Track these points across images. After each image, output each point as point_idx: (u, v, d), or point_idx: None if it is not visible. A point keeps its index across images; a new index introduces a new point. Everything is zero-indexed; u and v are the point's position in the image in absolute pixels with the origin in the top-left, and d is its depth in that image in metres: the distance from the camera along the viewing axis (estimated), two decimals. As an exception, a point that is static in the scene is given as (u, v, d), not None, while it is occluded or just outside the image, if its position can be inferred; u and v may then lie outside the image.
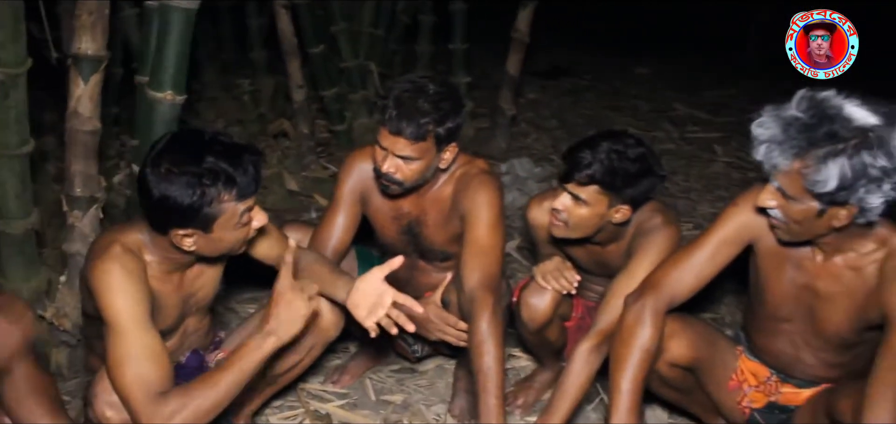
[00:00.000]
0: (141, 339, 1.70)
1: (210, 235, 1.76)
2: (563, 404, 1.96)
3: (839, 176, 1.58)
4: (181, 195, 1.68)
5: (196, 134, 1.80)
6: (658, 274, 1.90)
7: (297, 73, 4.26)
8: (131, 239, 1.80)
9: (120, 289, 1.71)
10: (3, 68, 2.26)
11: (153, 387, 1.67)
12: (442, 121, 2.07)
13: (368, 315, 1.93)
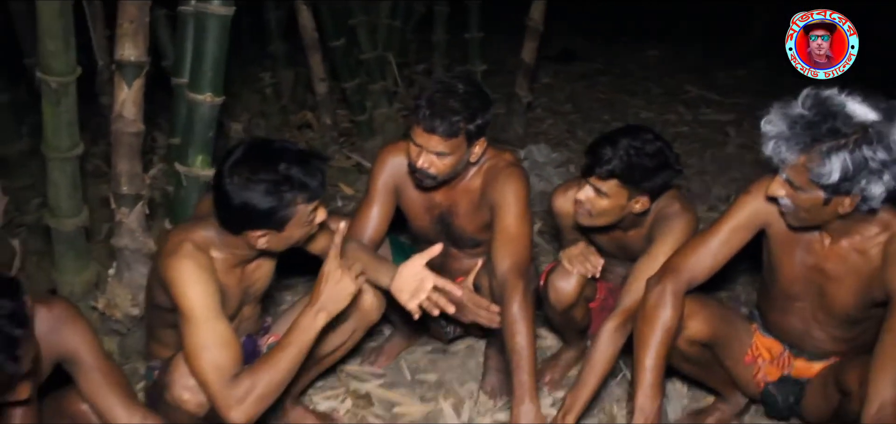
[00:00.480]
0: (215, 328, 1.84)
1: (281, 234, 1.91)
2: (590, 378, 2.10)
3: (841, 168, 1.70)
4: (260, 201, 1.83)
5: (268, 143, 1.94)
6: (677, 258, 2.03)
7: (318, 66, 4.38)
8: (199, 236, 1.94)
9: (195, 283, 1.85)
10: (55, 77, 2.40)
11: (227, 371, 1.82)
12: (472, 118, 2.20)
13: (411, 298, 2.07)
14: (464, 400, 2.48)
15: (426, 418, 2.41)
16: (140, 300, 2.68)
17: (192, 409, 1.90)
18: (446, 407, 2.43)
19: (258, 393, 1.83)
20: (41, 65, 2.38)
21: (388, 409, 2.46)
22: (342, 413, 2.43)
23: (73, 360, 1.77)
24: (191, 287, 1.84)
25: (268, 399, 1.86)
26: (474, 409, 2.44)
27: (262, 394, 1.84)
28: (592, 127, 5.00)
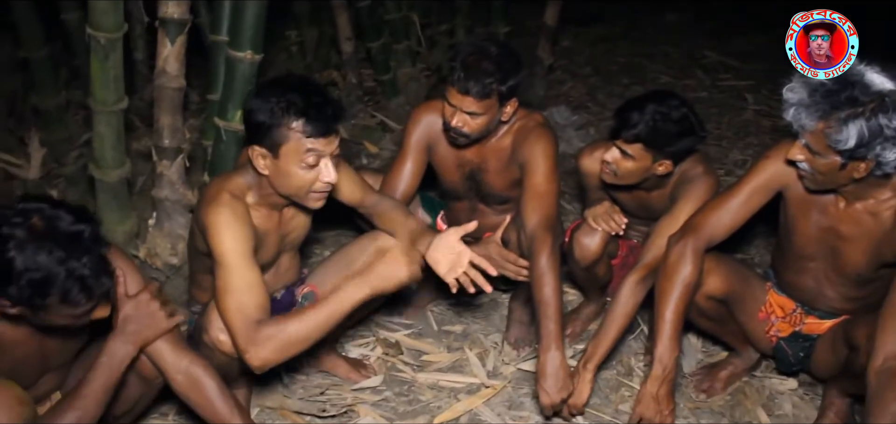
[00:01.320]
0: (243, 274, 1.94)
1: (278, 161, 1.96)
2: (611, 329, 2.22)
3: (858, 135, 1.79)
4: (259, 111, 1.93)
5: (299, 77, 2.06)
6: (698, 218, 2.13)
7: (345, 26, 4.47)
8: (236, 184, 2.05)
9: (228, 230, 1.95)
10: (104, 33, 2.51)
11: (251, 315, 1.91)
12: (504, 79, 2.30)
13: (448, 272, 2.15)
14: (488, 350, 2.61)
15: (453, 366, 2.54)
16: (179, 249, 2.81)
17: (227, 350, 2.02)
18: (472, 357, 2.56)
19: (281, 342, 1.91)
20: (91, 21, 2.50)
21: (416, 357, 2.59)
22: (372, 359, 2.56)
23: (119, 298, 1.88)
24: (224, 233, 1.94)
25: (289, 350, 1.94)
26: (499, 358, 2.57)
27: (284, 343, 1.92)
28: (612, 90, 5.07)
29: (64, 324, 1.68)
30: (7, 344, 1.69)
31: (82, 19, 3.64)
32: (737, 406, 2.37)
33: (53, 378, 1.88)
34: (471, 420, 2.31)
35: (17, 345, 1.71)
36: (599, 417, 2.32)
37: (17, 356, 1.71)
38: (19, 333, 1.71)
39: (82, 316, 1.67)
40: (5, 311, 1.62)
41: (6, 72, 4.10)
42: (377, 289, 2.00)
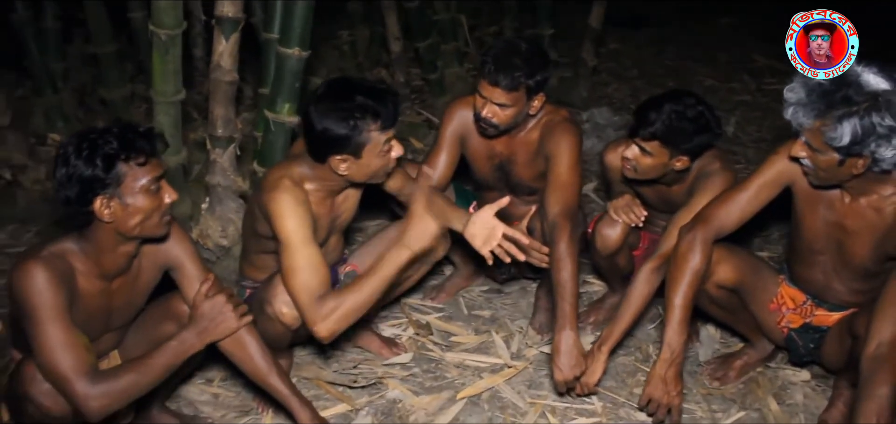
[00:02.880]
0: (307, 254, 2.13)
1: (360, 160, 2.16)
2: (626, 313, 2.33)
3: (851, 133, 1.87)
4: (337, 126, 2.10)
5: (346, 79, 2.22)
6: (709, 210, 2.23)
7: (394, 26, 4.65)
8: (296, 172, 2.23)
9: (292, 214, 2.13)
10: (165, 29, 2.73)
11: (315, 291, 2.11)
12: (532, 74, 2.43)
13: (484, 244, 2.30)
14: (514, 334, 2.74)
15: (479, 347, 2.68)
16: (229, 232, 3.01)
17: (288, 322, 2.22)
18: (498, 339, 2.70)
19: (342, 312, 2.12)
20: (153, 19, 2.72)
21: (445, 338, 2.74)
22: (404, 339, 2.73)
23: (178, 268, 2.09)
24: (288, 217, 2.13)
25: (350, 319, 2.15)
26: (523, 341, 2.70)
27: (345, 313, 2.13)
28: (655, 93, 5.11)
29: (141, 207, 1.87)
30: (84, 296, 1.90)
31: (147, 18, 3.88)
32: (748, 394, 2.46)
33: (112, 338, 2.09)
34: (492, 396, 2.45)
35: (91, 298, 1.92)
36: (614, 399, 2.43)
37: (90, 309, 1.92)
38: (94, 288, 1.92)
39: (150, 181, 1.87)
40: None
41: (78, 66, 4.40)
42: (415, 248, 2.18)
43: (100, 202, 1.83)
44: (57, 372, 1.78)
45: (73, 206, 1.84)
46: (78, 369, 1.79)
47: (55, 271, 1.81)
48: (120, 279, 1.98)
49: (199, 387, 2.51)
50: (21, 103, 4.04)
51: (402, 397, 2.44)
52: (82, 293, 1.89)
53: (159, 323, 2.10)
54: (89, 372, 1.81)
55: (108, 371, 1.89)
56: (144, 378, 1.90)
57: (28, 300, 1.78)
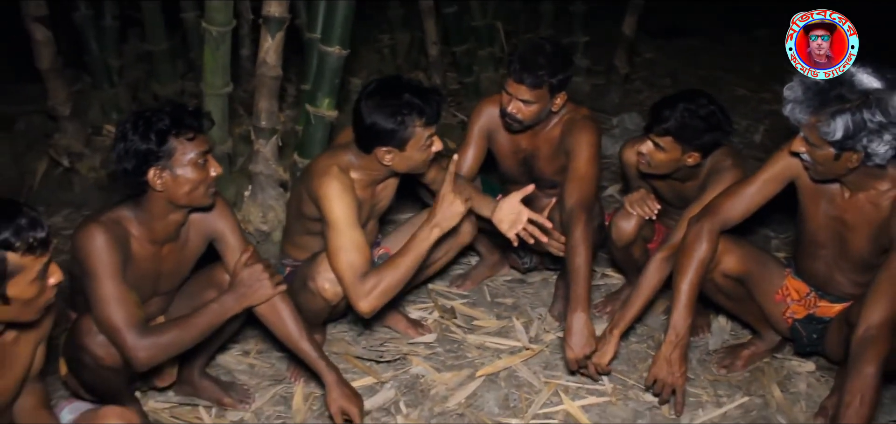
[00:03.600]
0: (352, 236, 2.32)
1: (403, 153, 2.35)
2: (637, 299, 2.46)
3: (843, 127, 1.99)
4: (385, 121, 2.29)
5: (396, 77, 2.40)
6: (716, 202, 2.35)
7: (432, 31, 4.81)
8: (343, 160, 2.42)
9: (339, 198, 2.33)
10: (217, 27, 2.94)
11: (358, 270, 2.31)
12: (555, 73, 2.59)
13: (510, 228, 2.48)
14: (533, 320, 2.89)
15: (499, 331, 2.84)
16: (269, 218, 3.21)
17: (329, 297, 2.41)
18: (517, 324, 2.85)
19: (381, 289, 2.31)
20: (206, 17, 2.93)
21: (468, 322, 2.90)
22: (429, 321, 2.90)
23: (222, 239, 2.29)
24: (337, 201, 2.33)
25: (389, 295, 2.34)
26: (541, 327, 2.85)
27: (384, 290, 2.32)
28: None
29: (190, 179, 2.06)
30: (137, 259, 2.11)
31: (199, 18, 4.16)
32: (754, 382, 2.56)
33: (159, 302, 2.29)
34: (509, 375, 2.60)
35: (143, 261, 2.13)
36: (624, 381, 2.57)
37: (141, 271, 2.13)
38: (146, 252, 2.13)
39: (198, 155, 2.06)
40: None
41: (132, 62, 4.65)
42: (444, 227, 2.36)
43: (153, 173, 2.03)
44: (110, 324, 1.99)
45: (129, 177, 2.04)
46: (129, 322, 1.99)
47: (112, 234, 2.02)
48: (169, 245, 2.19)
49: (236, 357, 2.71)
50: (79, 96, 4.28)
51: (425, 373, 2.60)
52: (135, 256, 2.10)
53: (202, 290, 2.30)
54: (139, 326, 2.01)
55: (155, 326, 2.10)
56: (187, 334, 2.10)
57: (88, 258, 1.99)
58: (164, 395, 2.50)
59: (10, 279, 1.58)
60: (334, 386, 2.25)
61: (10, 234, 1.56)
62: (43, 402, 1.92)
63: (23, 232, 1.57)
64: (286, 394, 2.54)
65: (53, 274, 1.68)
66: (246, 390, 2.54)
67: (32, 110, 4.68)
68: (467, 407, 2.45)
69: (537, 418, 2.40)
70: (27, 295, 1.63)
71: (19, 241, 1.56)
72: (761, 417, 2.42)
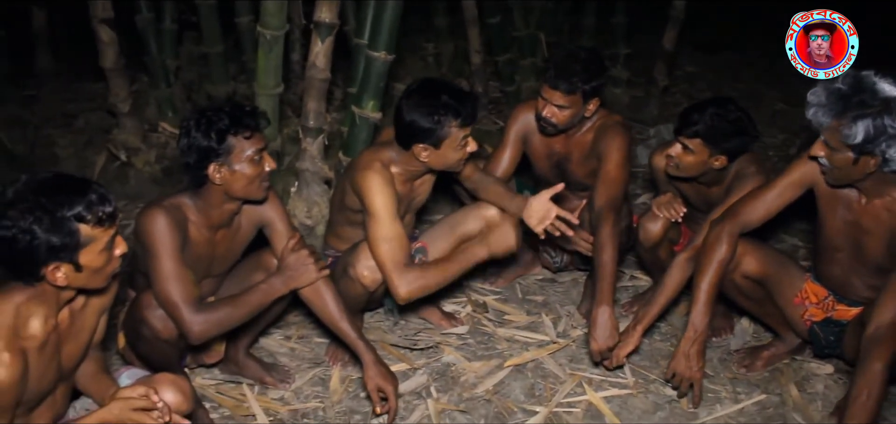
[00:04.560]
0: (392, 227, 2.48)
1: (439, 151, 2.49)
2: (661, 297, 2.57)
3: (864, 132, 2.07)
4: (423, 119, 2.44)
5: (435, 79, 2.57)
6: (736, 206, 2.45)
7: (476, 40, 4.95)
8: (385, 156, 2.58)
9: (380, 191, 2.49)
10: (271, 30, 3.14)
11: (398, 260, 2.47)
12: (588, 80, 2.72)
13: (539, 223, 2.62)
14: (561, 317, 3.02)
15: (529, 325, 2.97)
16: (313, 213, 3.38)
17: (367, 284, 2.57)
18: (546, 320, 2.98)
19: (423, 283, 2.49)
20: (261, 21, 3.13)
21: (499, 316, 3.04)
22: (462, 314, 3.04)
23: (271, 226, 2.45)
24: (378, 194, 2.49)
25: (428, 291, 2.51)
26: (568, 323, 2.97)
27: (425, 285, 2.50)
28: (724, 114, 5.26)
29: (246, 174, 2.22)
30: (193, 242, 2.29)
31: (252, 23, 4.39)
32: (772, 381, 2.65)
33: (211, 284, 2.47)
34: (536, 366, 2.73)
35: (199, 244, 2.31)
36: (646, 375, 2.68)
37: (197, 253, 2.31)
38: (202, 236, 2.31)
39: (255, 152, 2.22)
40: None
41: (188, 64, 4.89)
42: (493, 252, 2.57)
43: (213, 168, 2.21)
44: (168, 299, 2.17)
45: (191, 170, 2.23)
46: (186, 298, 2.17)
47: (173, 217, 2.21)
48: (223, 231, 2.37)
49: (278, 342, 2.89)
50: (137, 95, 4.52)
51: (456, 361, 2.74)
52: (192, 239, 2.28)
53: (251, 273, 2.47)
54: (194, 302, 2.19)
55: (209, 303, 2.28)
56: (238, 311, 2.28)
57: (150, 238, 2.17)
58: (211, 372, 2.69)
59: (82, 249, 1.73)
60: (372, 365, 2.39)
61: (82, 208, 1.71)
62: (103, 368, 2.11)
63: (93, 206, 1.73)
64: (324, 376, 2.70)
65: (119, 246, 1.83)
66: (287, 371, 2.71)
67: (91, 108, 4.99)
68: (494, 394, 2.58)
69: (561, 406, 2.53)
70: (97, 264, 1.78)
71: (90, 214, 1.71)
72: (777, 415, 2.51)
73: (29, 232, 1.67)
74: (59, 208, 1.69)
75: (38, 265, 1.71)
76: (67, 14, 5.27)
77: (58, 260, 1.72)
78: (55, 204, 1.69)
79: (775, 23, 7.10)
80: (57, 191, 1.70)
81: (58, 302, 1.83)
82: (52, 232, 1.68)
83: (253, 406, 2.52)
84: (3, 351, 1.69)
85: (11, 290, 1.77)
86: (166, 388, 1.96)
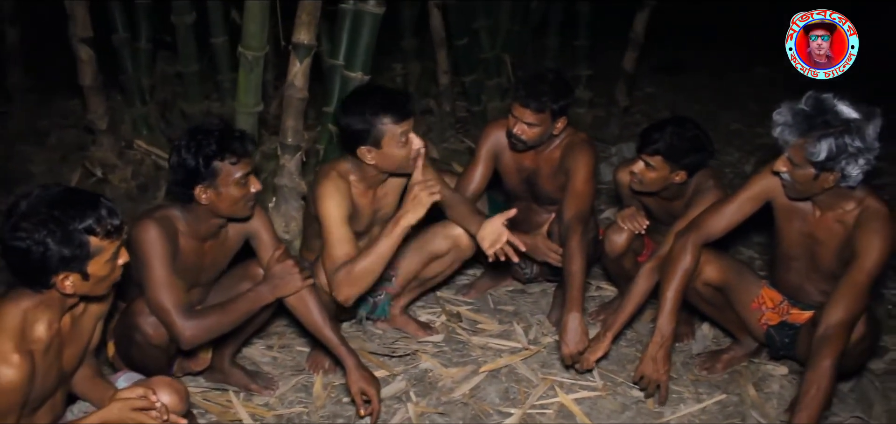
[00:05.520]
0: (337, 231, 2.56)
1: (382, 150, 2.56)
2: (628, 305, 2.72)
3: (827, 150, 2.24)
4: (355, 121, 2.54)
5: (366, 85, 2.71)
6: (699, 219, 2.62)
7: (443, 61, 5.09)
8: (342, 167, 2.68)
9: (329, 197, 2.58)
10: (252, 51, 3.24)
11: (336, 262, 2.53)
12: (556, 99, 2.87)
13: (490, 246, 2.69)
14: (532, 325, 3.16)
15: (501, 333, 3.10)
16: (291, 227, 3.47)
17: (329, 291, 2.65)
18: (518, 328, 3.12)
19: (354, 275, 2.50)
20: (242, 42, 3.23)
21: (473, 325, 3.17)
22: (437, 323, 3.17)
23: (257, 237, 2.55)
24: (326, 200, 2.58)
25: (361, 281, 2.51)
26: (539, 330, 3.12)
27: (356, 276, 2.50)
28: (682, 133, 5.49)
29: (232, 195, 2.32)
30: (183, 252, 2.39)
31: (227, 43, 4.48)
32: (731, 383, 2.82)
33: (199, 293, 2.56)
34: (509, 371, 2.86)
35: (188, 255, 2.41)
36: (614, 379, 2.83)
37: (186, 263, 2.41)
38: (191, 247, 2.41)
39: (241, 176, 2.31)
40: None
41: (163, 83, 4.96)
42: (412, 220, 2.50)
43: (199, 189, 2.31)
44: (160, 306, 2.26)
45: (180, 188, 2.33)
46: (176, 305, 2.27)
47: (163, 228, 2.30)
48: (211, 241, 2.47)
49: (260, 350, 2.99)
50: (112, 112, 4.58)
51: (433, 368, 2.87)
52: (182, 249, 2.37)
53: (238, 282, 2.57)
54: (185, 309, 2.29)
55: (199, 310, 2.38)
56: (227, 317, 2.37)
57: (142, 247, 2.26)
58: (196, 380, 2.77)
59: (90, 259, 1.84)
60: (354, 370, 2.50)
61: (93, 221, 1.81)
62: (99, 372, 2.19)
63: (103, 219, 1.83)
64: (307, 383, 2.81)
65: (122, 256, 1.94)
66: (271, 378, 2.81)
67: (64, 125, 5.03)
68: (471, 398, 2.71)
69: (534, 408, 2.66)
70: (102, 273, 1.88)
71: (100, 227, 1.82)
72: (737, 413, 2.67)
73: (42, 243, 1.76)
74: (71, 221, 1.79)
75: (48, 274, 1.81)
76: (40, 31, 5.29)
77: (67, 269, 1.81)
78: (67, 217, 1.79)
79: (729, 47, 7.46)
80: (69, 205, 1.80)
81: (62, 307, 1.92)
82: (64, 244, 1.78)
83: (239, 412, 2.61)
84: (13, 352, 1.78)
85: (20, 296, 1.85)
86: (163, 390, 2.05)
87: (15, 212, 1.79)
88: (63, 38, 4.06)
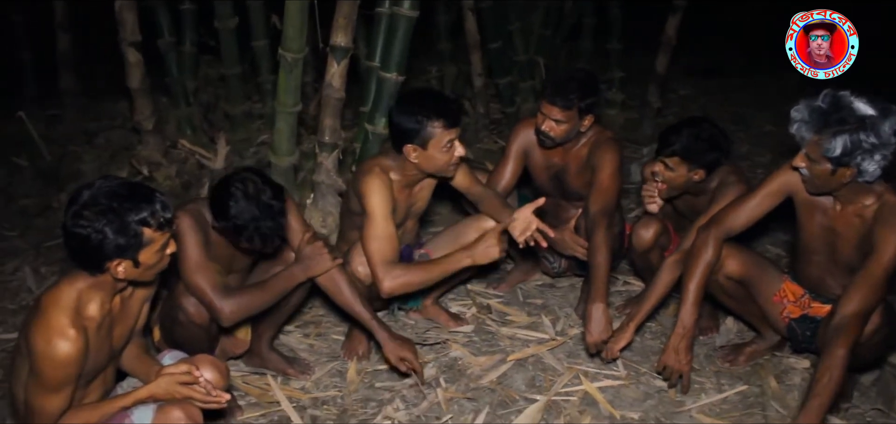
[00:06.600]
0: (384, 227, 2.70)
1: (426, 152, 2.71)
2: (652, 296, 2.80)
3: (842, 146, 2.30)
4: (406, 122, 2.68)
5: (422, 88, 2.81)
6: (721, 213, 2.69)
7: (477, 64, 5.20)
8: (384, 163, 2.81)
9: (377, 192, 2.72)
10: (292, 53, 3.39)
11: (386, 256, 2.68)
12: (584, 97, 2.97)
13: (521, 233, 2.83)
14: (560, 317, 3.25)
15: (529, 325, 3.20)
16: (328, 223, 3.62)
17: (361, 279, 2.79)
18: (546, 320, 3.21)
19: (405, 280, 2.70)
20: (282, 44, 3.38)
21: (502, 317, 3.28)
22: (468, 315, 3.27)
23: (290, 228, 2.68)
24: (374, 195, 2.72)
25: (410, 288, 2.73)
26: (566, 323, 3.21)
27: (408, 282, 2.71)
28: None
29: (248, 248, 2.51)
30: (216, 244, 2.55)
31: (268, 47, 4.65)
32: (753, 374, 2.88)
33: (236, 279, 2.71)
34: (536, 361, 2.96)
35: (220, 246, 2.57)
36: (637, 369, 2.91)
37: (218, 253, 2.57)
38: (219, 237, 2.56)
39: (260, 251, 2.51)
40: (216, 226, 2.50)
41: (206, 85, 5.14)
42: (476, 261, 2.76)
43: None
44: (198, 287, 2.43)
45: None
46: (213, 285, 2.44)
47: (194, 219, 2.48)
48: None
49: (297, 338, 3.13)
50: (158, 113, 4.77)
51: (462, 356, 2.98)
52: (213, 240, 2.53)
53: (272, 266, 2.71)
54: (221, 288, 2.47)
55: (236, 289, 2.55)
56: (263, 297, 2.53)
57: (178, 236, 2.41)
58: (236, 364, 2.92)
59: (143, 248, 1.99)
60: (388, 341, 2.66)
61: (147, 214, 1.96)
62: (146, 350, 2.35)
63: (157, 213, 1.98)
64: (342, 369, 2.94)
65: (170, 246, 2.09)
66: (307, 363, 2.95)
67: (111, 126, 5.24)
68: (498, 385, 2.81)
69: (559, 395, 2.75)
70: (152, 262, 2.03)
71: (154, 220, 1.97)
72: (758, 403, 2.73)
73: (101, 232, 1.92)
74: (127, 213, 1.94)
75: (103, 260, 1.96)
76: (90, 37, 5.53)
77: (121, 256, 1.97)
78: (125, 209, 1.94)
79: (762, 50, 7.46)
80: (127, 198, 1.96)
81: (113, 290, 2.08)
82: (120, 233, 1.94)
83: (277, 395, 2.75)
84: (70, 327, 1.94)
85: (76, 277, 2.01)
86: (206, 367, 2.19)
87: (77, 200, 1.94)
88: (111, 44, 4.26)
